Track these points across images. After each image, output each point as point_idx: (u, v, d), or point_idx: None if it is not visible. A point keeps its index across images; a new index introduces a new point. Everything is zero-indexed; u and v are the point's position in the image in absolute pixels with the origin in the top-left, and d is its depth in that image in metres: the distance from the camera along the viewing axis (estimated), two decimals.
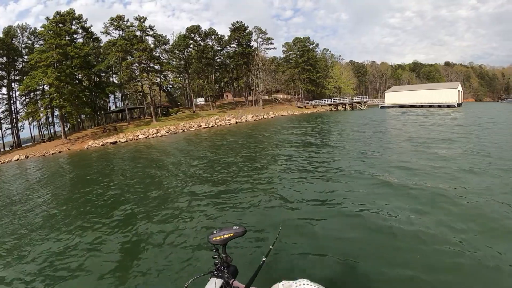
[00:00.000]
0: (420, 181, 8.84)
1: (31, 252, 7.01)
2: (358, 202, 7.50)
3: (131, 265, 5.78)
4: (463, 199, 7.15)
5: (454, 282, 4.26)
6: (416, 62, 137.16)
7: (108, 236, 7.32)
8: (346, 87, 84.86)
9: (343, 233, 5.99)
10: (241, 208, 8.10)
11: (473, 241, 5.24)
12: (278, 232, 3.12)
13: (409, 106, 63.62)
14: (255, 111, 62.57)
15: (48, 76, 41.64)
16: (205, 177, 12.26)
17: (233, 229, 2.08)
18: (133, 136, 40.94)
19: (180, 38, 63.96)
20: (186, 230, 7.07)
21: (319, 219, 6.79)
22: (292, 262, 5.03)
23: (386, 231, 5.85)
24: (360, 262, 4.84)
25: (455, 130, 21.31)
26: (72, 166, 23.89)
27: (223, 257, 2.13)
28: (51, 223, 8.92)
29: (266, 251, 2.35)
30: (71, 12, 53.37)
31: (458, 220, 6.11)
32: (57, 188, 14.72)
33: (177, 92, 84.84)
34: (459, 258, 4.77)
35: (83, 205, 10.50)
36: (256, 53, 71.97)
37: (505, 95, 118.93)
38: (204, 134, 36.00)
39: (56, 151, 38.84)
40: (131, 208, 9.24)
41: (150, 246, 6.53)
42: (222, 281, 2.02)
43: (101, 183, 13.90)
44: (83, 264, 6.04)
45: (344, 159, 13.09)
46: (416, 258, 4.78)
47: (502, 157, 11.23)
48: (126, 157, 24.07)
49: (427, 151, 13.42)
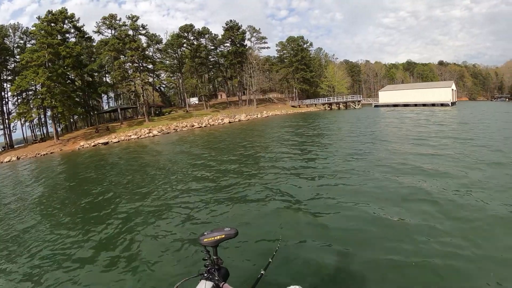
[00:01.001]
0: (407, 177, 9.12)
1: (18, 253, 7.03)
2: (358, 207, 7.30)
3: (120, 266, 5.76)
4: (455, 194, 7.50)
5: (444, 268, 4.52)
6: (410, 61, 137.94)
7: (96, 238, 7.29)
8: (340, 86, 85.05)
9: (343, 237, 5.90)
10: (232, 209, 8.10)
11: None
12: (277, 245, 3.04)
13: (403, 105, 63.97)
14: (249, 110, 62.59)
15: (39, 76, 41.31)
16: (196, 178, 12.31)
17: (224, 230, 2.03)
18: (125, 137, 40.79)
19: (173, 37, 63.70)
20: (176, 231, 7.04)
21: (316, 221, 6.77)
22: (289, 269, 4.95)
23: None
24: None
25: (452, 127, 22.14)
26: (62, 168, 23.82)
27: (214, 259, 2.07)
28: (38, 226, 8.88)
29: (265, 264, 2.32)
30: (63, 11, 52.92)
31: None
32: (44, 191, 14.69)
33: (171, 91, 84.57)
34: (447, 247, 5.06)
35: (70, 207, 10.47)
36: (250, 52, 71.99)
37: (498, 94, 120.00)
38: (196, 134, 35.97)
39: (47, 152, 38.56)
40: (119, 211, 9.18)
41: (139, 247, 6.51)
42: (212, 284, 1.96)
43: (90, 185, 13.86)
44: (71, 265, 6.02)
45: (337, 157, 13.23)
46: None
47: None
48: (116, 158, 24.02)
49: (417, 147, 13.90)
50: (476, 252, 4.88)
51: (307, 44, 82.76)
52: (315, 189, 8.88)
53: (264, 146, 19.72)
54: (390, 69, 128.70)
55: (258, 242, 5.91)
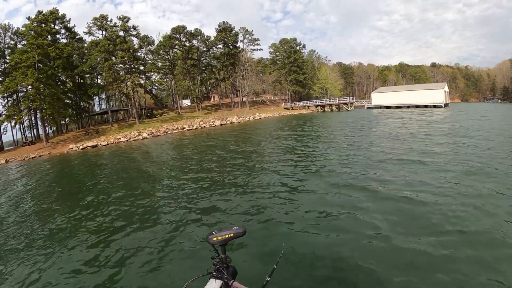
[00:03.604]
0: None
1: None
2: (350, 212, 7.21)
3: (129, 267, 5.76)
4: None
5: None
6: (403, 63, 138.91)
7: (103, 239, 7.26)
8: (333, 88, 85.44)
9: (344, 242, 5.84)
10: (232, 210, 8.13)
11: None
12: (281, 251, 2.94)
13: (396, 107, 64.37)
14: (241, 112, 62.63)
15: (28, 78, 40.90)
16: (190, 179, 12.23)
17: (232, 229, 2.03)
18: (114, 139, 40.54)
19: (165, 38, 63.46)
20: (184, 231, 7.07)
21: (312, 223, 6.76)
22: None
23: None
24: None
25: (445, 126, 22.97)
26: (46, 173, 23.45)
27: (223, 258, 2.08)
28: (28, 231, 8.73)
29: (270, 270, 2.30)
30: (54, 11, 52.53)
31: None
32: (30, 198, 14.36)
33: (163, 93, 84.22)
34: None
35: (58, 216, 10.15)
36: (243, 54, 71.96)
37: (490, 95, 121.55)
38: (187, 137, 35.82)
39: (36, 155, 38.19)
40: (119, 214, 9.09)
41: (147, 247, 6.49)
42: (221, 282, 1.98)
43: (80, 190, 13.66)
44: (78, 267, 6.01)
45: (330, 160, 13.26)
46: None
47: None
48: (104, 162, 23.75)
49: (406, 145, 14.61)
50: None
51: (300, 46, 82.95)
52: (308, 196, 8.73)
53: (256, 149, 19.66)
54: (383, 71, 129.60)
55: (262, 247, 5.87)
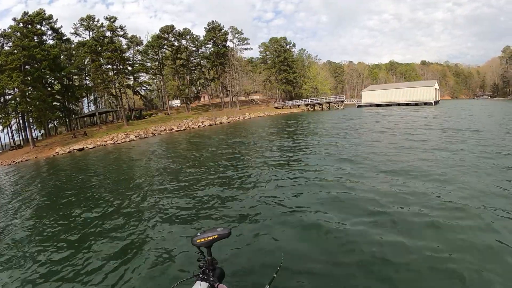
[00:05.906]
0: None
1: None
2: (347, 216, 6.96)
3: (112, 270, 5.60)
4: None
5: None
6: (393, 61, 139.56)
7: (87, 243, 7.11)
8: (323, 87, 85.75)
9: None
10: (220, 211, 8.00)
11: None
12: (281, 260, 2.85)
13: (386, 104, 64.84)
14: (231, 112, 62.59)
15: (13, 80, 40.34)
16: (176, 183, 11.90)
17: (217, 230, 2.02)
18: (101, 142, 40.28)
19: (153, 38, 63.01)
20: (169, 233, 6.96)
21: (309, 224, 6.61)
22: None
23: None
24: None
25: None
26: (30, 178, 23.11)
27: (208, 260, 2.08)
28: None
29: (269, 278, 2.28)
30: (40, 12, 51.95)
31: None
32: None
33: (153, 94, 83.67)
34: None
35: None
36: (232, 54, 71.77)
37: (480, 92, 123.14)
38: (175, 138, 35.66)
39: (23, 159, 37.74)
40: (98, 218, 8.89)
41: (131, 250, 6.36)
42: (207, 285, 1.96)
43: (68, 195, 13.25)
44: (61, 271, 5.85)
45: (321, 159, 13.16)
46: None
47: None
48: (91, 166, 23.48)
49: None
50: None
51: (290, 45, 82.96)
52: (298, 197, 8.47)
53: (246, 150, 19.38)
54: (373, 70, 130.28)
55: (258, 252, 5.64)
